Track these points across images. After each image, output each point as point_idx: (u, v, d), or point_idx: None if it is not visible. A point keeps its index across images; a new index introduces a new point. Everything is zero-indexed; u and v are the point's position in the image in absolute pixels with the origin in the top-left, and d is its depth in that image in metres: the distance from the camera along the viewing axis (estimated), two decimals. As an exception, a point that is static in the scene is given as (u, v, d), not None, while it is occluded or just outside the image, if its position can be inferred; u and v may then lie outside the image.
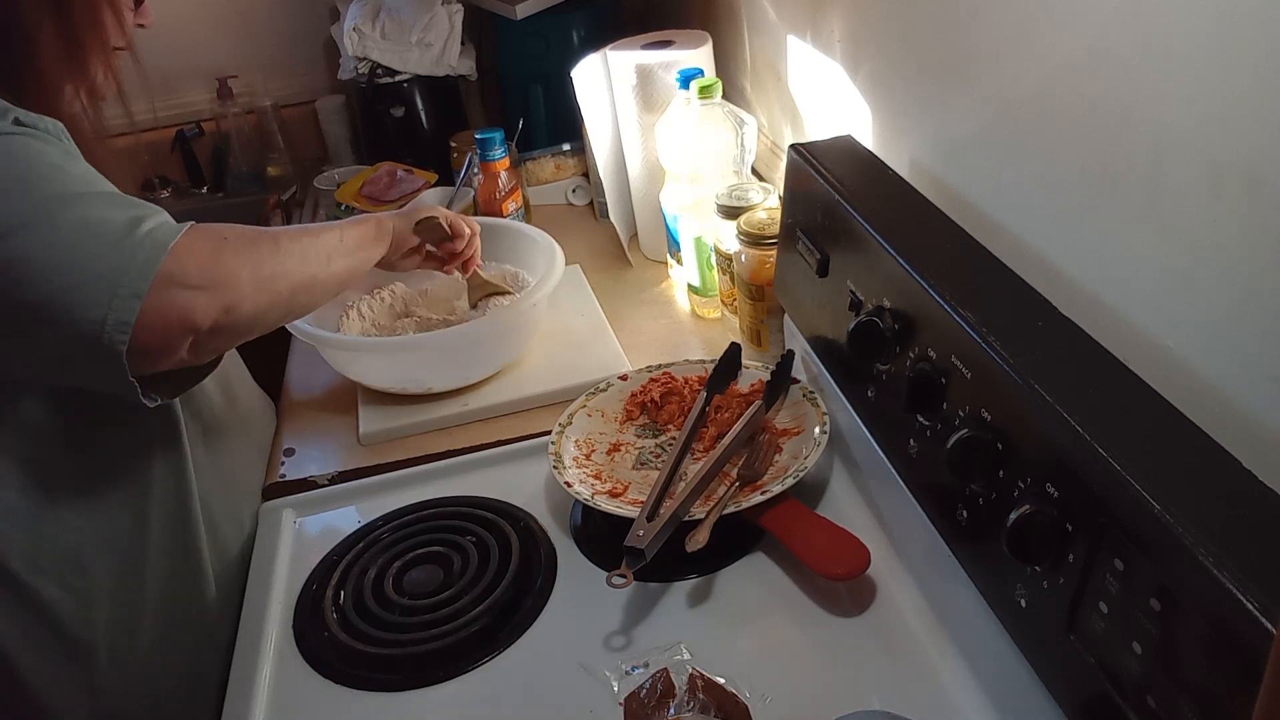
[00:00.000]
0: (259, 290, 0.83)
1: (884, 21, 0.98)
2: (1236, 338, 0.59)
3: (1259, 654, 0.44)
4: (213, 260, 0.80)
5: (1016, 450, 0.63)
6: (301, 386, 1.25)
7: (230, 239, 0.83)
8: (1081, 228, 0.72)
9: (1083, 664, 0.57)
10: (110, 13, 0.87)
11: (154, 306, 0.75)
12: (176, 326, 0.77)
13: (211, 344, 0.82)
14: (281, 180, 2.01)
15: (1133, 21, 0.62)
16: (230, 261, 0.81)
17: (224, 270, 0.80)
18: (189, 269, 0.77)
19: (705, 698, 0.71)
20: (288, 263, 0.88)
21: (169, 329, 0.77)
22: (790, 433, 0.99)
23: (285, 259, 0.88)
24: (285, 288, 0.87)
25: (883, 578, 0.84)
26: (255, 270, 0.84)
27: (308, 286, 0.91)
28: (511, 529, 0.95)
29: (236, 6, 1.99)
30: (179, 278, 0.77)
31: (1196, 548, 0.48)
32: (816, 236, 0.94)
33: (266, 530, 1.02)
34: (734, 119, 1.21)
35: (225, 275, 0.80)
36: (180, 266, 0.77)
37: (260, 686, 0.84)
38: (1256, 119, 0.54)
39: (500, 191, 1.48)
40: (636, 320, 1.32)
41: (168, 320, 0.76)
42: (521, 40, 1.76)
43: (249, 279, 0.82)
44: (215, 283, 0.79)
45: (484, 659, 0.83)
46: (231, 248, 0.83)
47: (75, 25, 0.84)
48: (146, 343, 0.75)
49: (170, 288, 0.76)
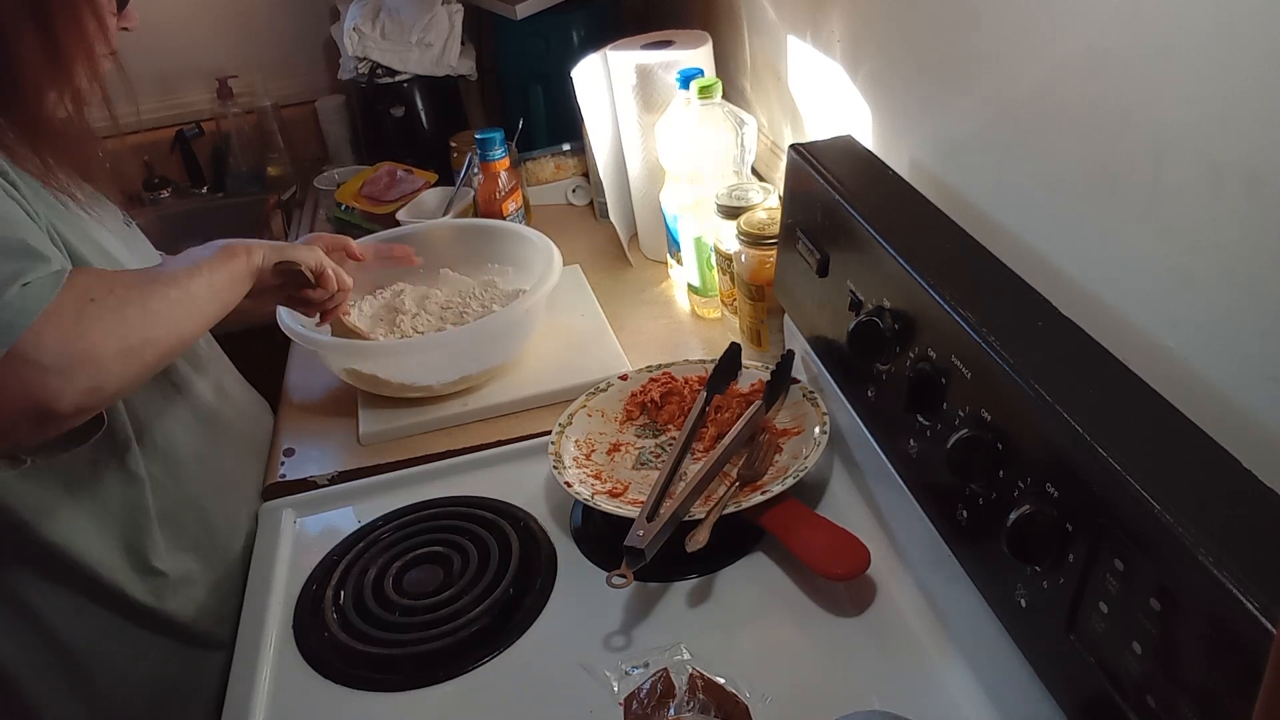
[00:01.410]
0: (125, 364, 0.76)
1: (884, 21, 0.98)
2: (1236, 338, 0.59)
3: (1259, 654, 0.44)
4: (73, 335, 0.72)
5: (1016, 450, 0.63)
6: (301, 387, 1.25)
7: (97, 301, 0.75)
8: (1081, 228, 0.72)
9: (1083, 664, 0.57)
10: (92, 17, 0.86)
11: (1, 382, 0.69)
12: (19, 407, 0.70)
13: (64, 425, 0.75)
14: (281, 180, 2.01)
15: (1133, 21, 0.62)
16: (93, 336, 0.73)
17: (85, 347, 0.73)
18: (44, 346, 0.70)
19: (705, 698, 0.71)
20: (157, 327, 0.79)
21: (9, 410, 0.70)
22: (790, 433, 0.99)
23: (154, 323, 0.79)
24: (152, 356, 0.79)
25: (883, 578, 0.84)
26: (122, 341, 0.75)
27: (175, 349, 0.85)
28: (511, 529, 0.95)
29: (236, 6, 1.99)
30: (33, 357, 0.70)
31: (1196, 548, 0.48)
32: (816, 236, 0.94)
33: (266, 530, 1.02)
34: (734, 119, 1.21)
35: (90, 353, 0.73)
36: (36, 342, 0.70)
37: (260, 686, 0.84)
38: (1256, 119, 0.54)
39: (500, 191, 1.48)
40: (636, 320, 1.32)
41: (9, 401, 0.70)
42: (521, 40, 1.76)
43: (114, 353, 0.75)
44: (74, 363, 0.72)
45: (484, 659, 0.83)
46: (97, 314, 0.74)
47: (56, 30, 0.83)
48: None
49: (20, 366, 0.69)
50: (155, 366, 0.81)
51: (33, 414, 0.71)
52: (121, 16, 0.91)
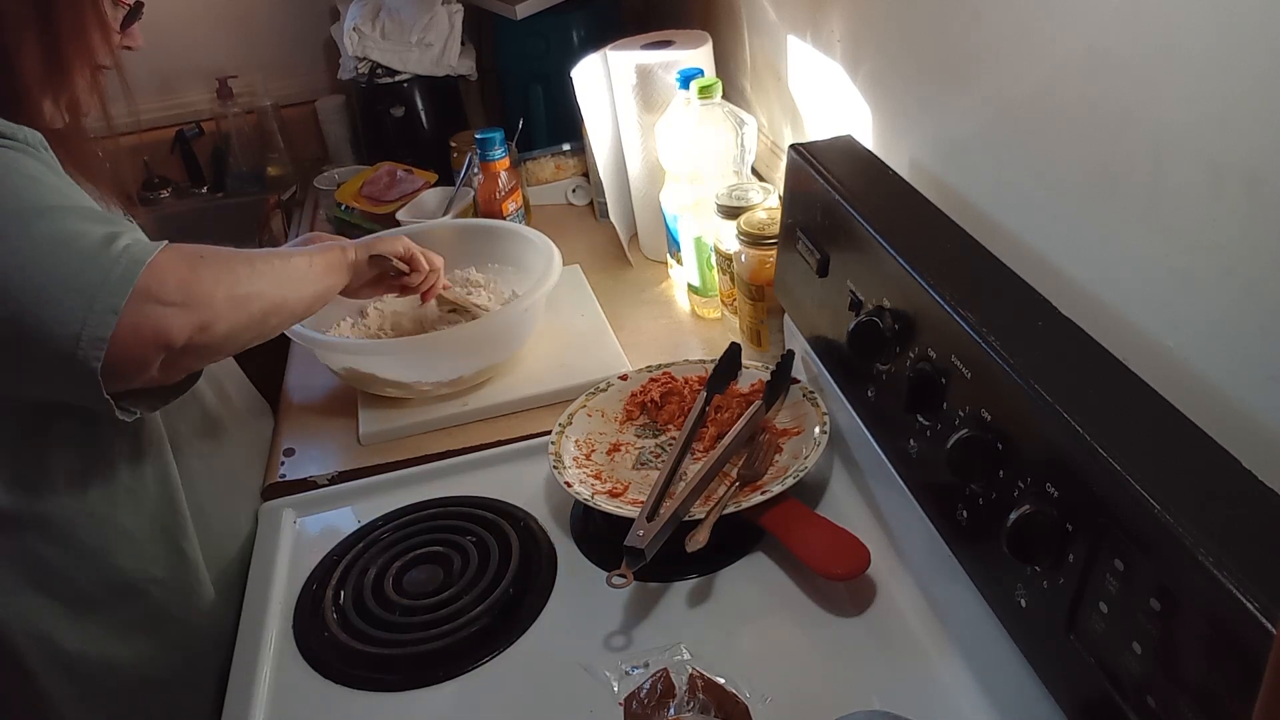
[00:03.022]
0: (234, 309, 0.83)
1: (884, 21, 0.98)
2: (1236, 338, 0.59)
3: (1259, 654, 0.44)
4: (190, 277, 0.79)
5: (1016, 450, 0.63)
6: (301, 388, 1.25)
7: (206, 257, 0.82)
8: (1081, 228, 0.72)
9: (1083, 664, 0.57)
10: (98, 31, 0.87)
11: (130, 322, 0.74)
12: (151, 343, 0.76)
13: (183, 362, 0.81)
14: (281, 180, 2.01)
15: (1133, 21, 0.62)
16: (207, 279, 0.81)
17: (201, 288, 0.80)
18: (166, 285, 0.77)
19: (705, 698, 0.71)
20: (262, 284, 0.87)
21: (144, 345, 0.76)
22: (790, 433, 0.99)
23: (259, 280, 0.87)
24: (259, 309, 0.86)
25: (883, 578, 0.84)
26: (231, 289, 0.83)
27: (278, 309, 0.90)
28: (511, 529, 0.95)
29: (236, 6, 1.99)
30: (156, 293, 0.76)
31: (1196, 548, 0.48)
32: (816, 236, 0.94)
33: (266, 530, 1.02)
34: (734, 119, 1.21)
35: (202, 293, 0.80)
36: (158, 282, 0.76)
37: (260, 686, 0.84)
38: (1256, 119, 0.54)
39: (500, 191, 1.48)
40: (636, 320, 1.32)
41: (142, 336, 0.75)
42: (521, 40, 1.76)
43: (225, 298, 0.82)
44: (191, 300, 0.78)
45: (484, 659, 0.83)
46: (208, 266, 0.82)
47: (60, 41, 0.84)
48: (120, 358, 0.74)
49: (146, 303, 0.75)
50: (262, 323, 0.87)
51: (161, 348, 0.77)
52: (126, 35, 0.91)
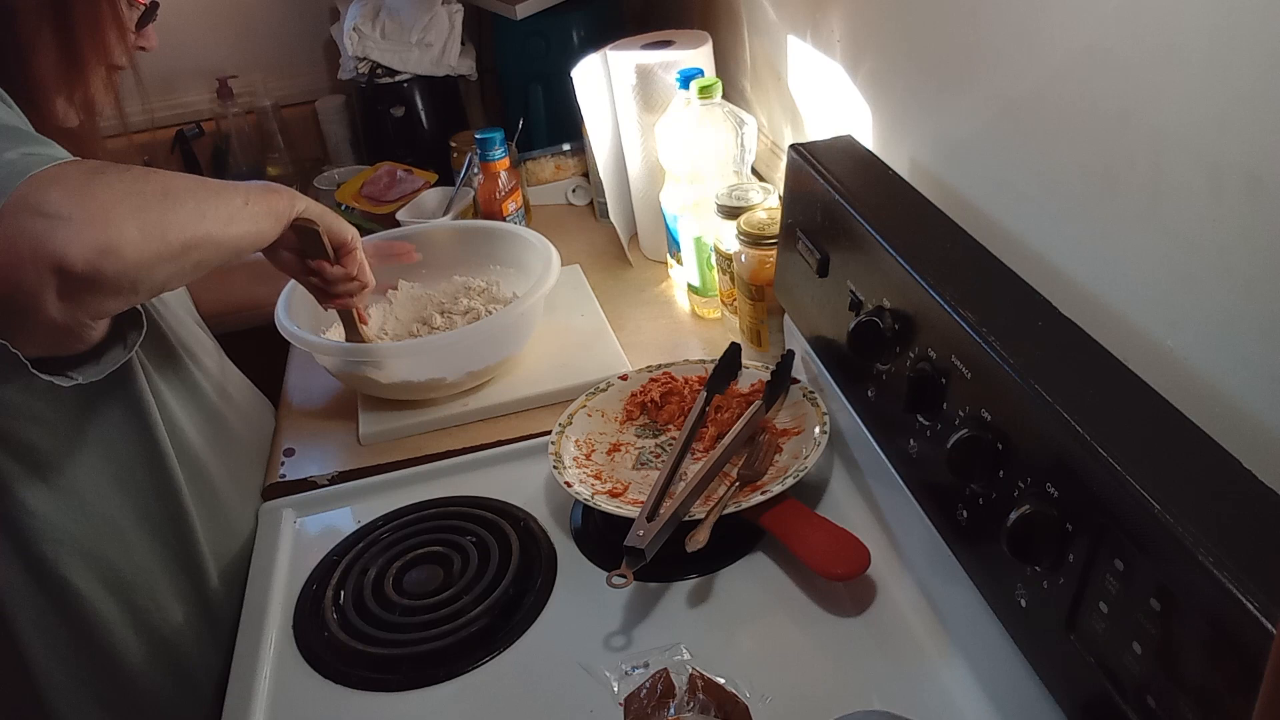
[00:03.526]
0: (145, 236, 0.71)
1: (884, 21, 0.98)
2: (1236, 338, 0.59)
3: (1259, 654, 0.44)
4: (83, 189, 0.68)
5: (1016, 450, 0.63)
6: (301, 388, 1.25)
7: (108, 172, 0.71)
8: (1082, 228, 0.72)
9: (1083, 664, 0.57)
10: (114, 30, 0.86)
11: (3, 237, 0.64)
12: (30, 261, 0.65)
13: (89, 297, 0.70)
14: (281, 180, 2.00)
15: (1133, 21, 0.62)
16: (103, 194, 0.69)
17: (96, 203, 0.68)
18: (49, 195, 0.66)
19: (705, 698, 0.71)
20: (179, 213, 0.74)
21: (21, 264, 0.65)
22: (790, 433, 0.99)
23: (177, 208, 0.74)
24: (176, 240, 0.74)
25: (883, 578, 0.84)
26: (139, 212, 0.71)
27: (201, 243, 0.76)
28: (511, 529, 0.95)
29: (236, 6, 1.99)
30: (35, 203, 0.65)
31: (1196, 548, 0.48)
32: (816, 236, 0.94)
33: (266, 530, 1.02)
34: (734, 119, 1.21)
35: (98, 209, 0.68)
36: (38, 192, 0.66)
37: (260, 686, 0.84)
38: (1256, 119, 0.54)
39: (500, 191, 1.48)
40: (636, 320, 1.32)
41: (19, 253, 0.65)
42: (521, 40, 1.76)
43: (132, 221, 0.70)
44: (85, 215, 0.67)
45: (484, 659, 0.83)
46: (107, 180, 0.70)
47: (76, 39, 0.83)
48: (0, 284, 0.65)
49: (23, 215, 0.65)
50: (182, 255, 0.75)
51: (48, 268, 0.65)
52: (140, 35, 0.91)
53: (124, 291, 0.73)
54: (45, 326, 0.69)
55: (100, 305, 0.72)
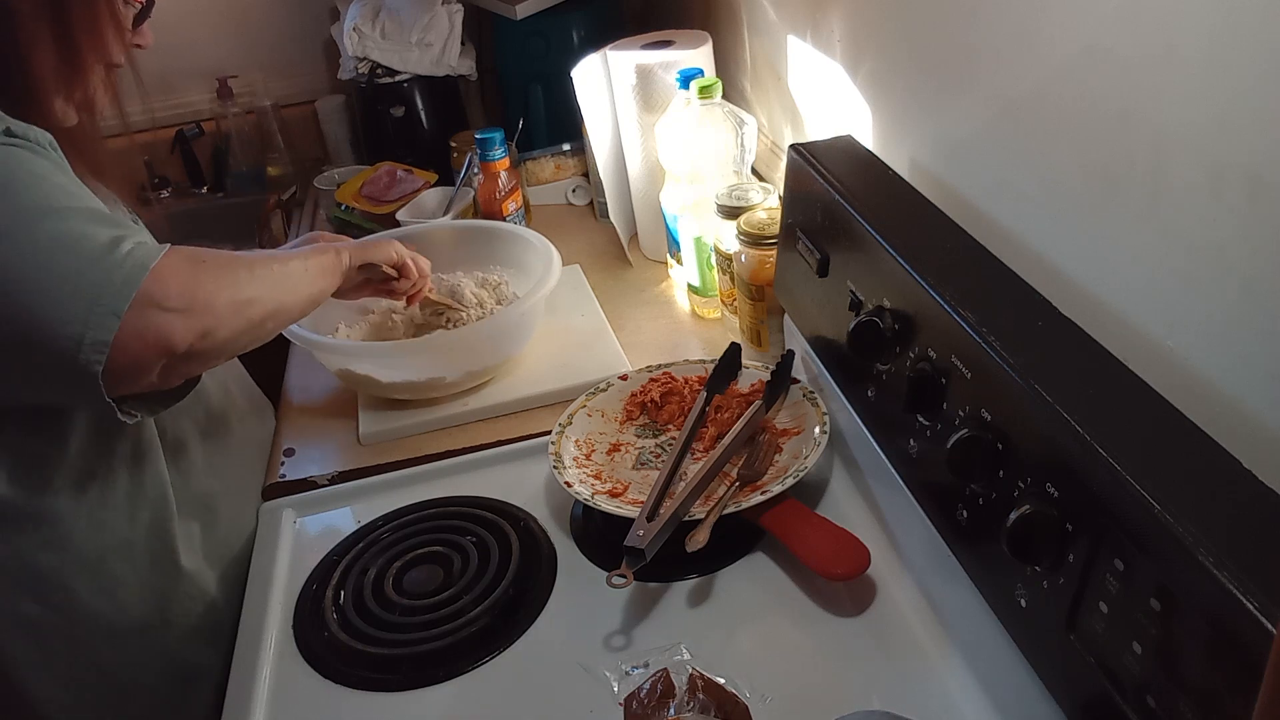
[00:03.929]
0: (235, 315, 0.83)
1: (884, 21, 0.98)
2: (1236, 338, 0.59)
3: (1259, 654, 0.44)
4: (192, 283, 0.80)
5: (1016, 450, 0.63)
6: (301, 388, 1.25)
7: (208, 262, 0.83)
8: (1081, 228, 0.72)
9: (1083, 664, 0.57)
10: (112, 28, 0.87)
11: (132, 326, 0.74)
12: (153, 348, 0.76)
13: (183, 368, 0.82)
14: (281, 180, 2.01)
15: (1133, 21, 0.62)
16: (208, 285, 0.81)
17: (203, 294, 0.80)
18: (169, 291, 0.77)
19: (705, 698, 0.71)
20: (260, 288, 0.87)
21: (145, 350, 0.76)
22: (790, 433, 0.99)
23: (258, 285, 0.87)
24: (258, 314, 0.86)
25: (883, 578, 0.84)
26: (232, 295, 0.83)
27: (275, 313, 0.89)
28: (511, 529, 0.95)
29: (236, 6, 1.99)
30: (158, 299, 0.76)
31: (1196, 548, 0.48)
32: (816, 236, 0.94)
33: (266, 530, 1.02)
34: (734, 119, 1.21)
35: (204, 299, 0.80)
36: (161, 288, 0.76)
37: (260, 686, 0.84)
38: (1256, 119, 0.54)
39: (500, 191, 1.48)
40: (636, 320, 1.32)
41: (145, 341, 0.75)
42: (521, 40, 1.76)
43: (226, 303, 0.82)
44: (193, 306, 0.79)
45: (484, 659, 0.83)
46: (209, 271, 0.82)
47: (74, 38, 0.84)
48: (122, 363, 0.75)
49: (148, 309, 0.75)
50: (260, 326, 0.87)
51: (162, 353, 0.77)
52: (137, 34, 0.91)
53: (213, 360, 0.87)
54: (144, 387, 0.80)
55: (192, 371, 0.85)
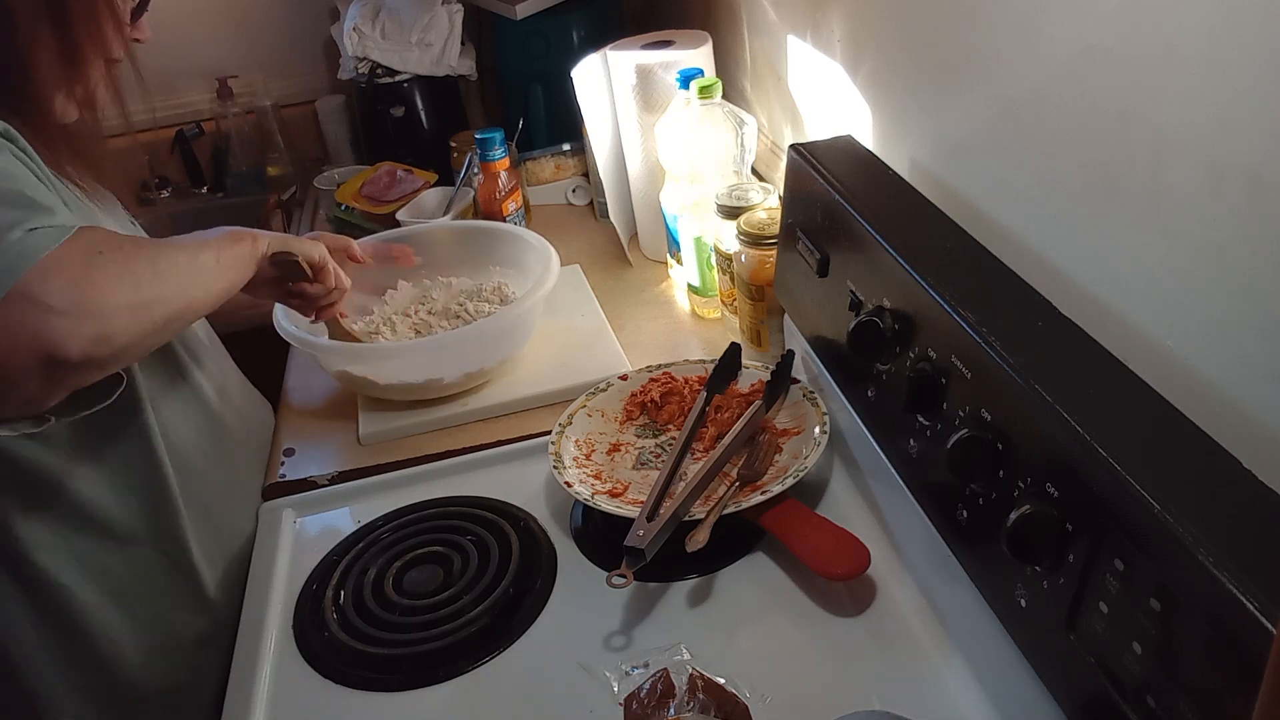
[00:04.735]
0: (132, 317, 0.74)
1: (884, 21, 0.98)
2: (1236, 338, 0.59)
3: (1259, 654, 0.44)
4: (82, 281, 0.70)
5: (1016, 450, 0.63)
6: (301, 388, 1.25)
7: (106, 255, 0.73)
8: (1082, 227, 0.72)
9: (1083, 664, 0.57)
10: (110, 22, 0.86)
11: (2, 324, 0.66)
12: (27, 351, 0.67)
13: (73, 378, 0.73)
14: (281, 180, 2.01)
15: (1133, 21, 0.62)
16: (101, 284, 0.72)
17: (94, 294, 0.71)
18: (51, 288, 0.68)
19: (705, 698, 0.71)
20: (165, 286, 0.78)
21: (16, 353, 0.67)
22: (790, 433, 0.99)
23: (163, 282, 0.78)
24: (161, 314, 0.77)
25: (883, 578, 0.84)
26: (130, 295, 0.74)
27: (183, 313, 0.82)
28: (511, 529, 0.95)
29: (236, 6, 1.99)
30: (37, 296, 0.67)
31: (1196, 548, 0.48)
32: (816, 236, 0.94)
33: (266, 530, 1.02)
34: (734, 119, 1.21)
35: (94, 300, 0.71)
36: (41, 284, 0.68)
37: (260, 686, 0.84)
38: (1256, 119, 0.54)
39: (500, 191, 1.48)
40: (636, 320, 1.32)
41: (16, 342, 0.67)
42: (521, 40, 1.76)
43: (121, 305, 0.73)
44: (79, 308, 0.69)
45: (484, 659, 0.83)
46: (104, 268, 0.73)
47: (74, 33, 0.84)
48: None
49: (25, 306, 0.67)
50: (164, 328, 0.79)
51: (41, 359, 0.68)
52: (135, 28, 0.91)
53: (107, 368, 0.76)
54: (17, 401, 0.72)
55: (79, 382, 0.75)
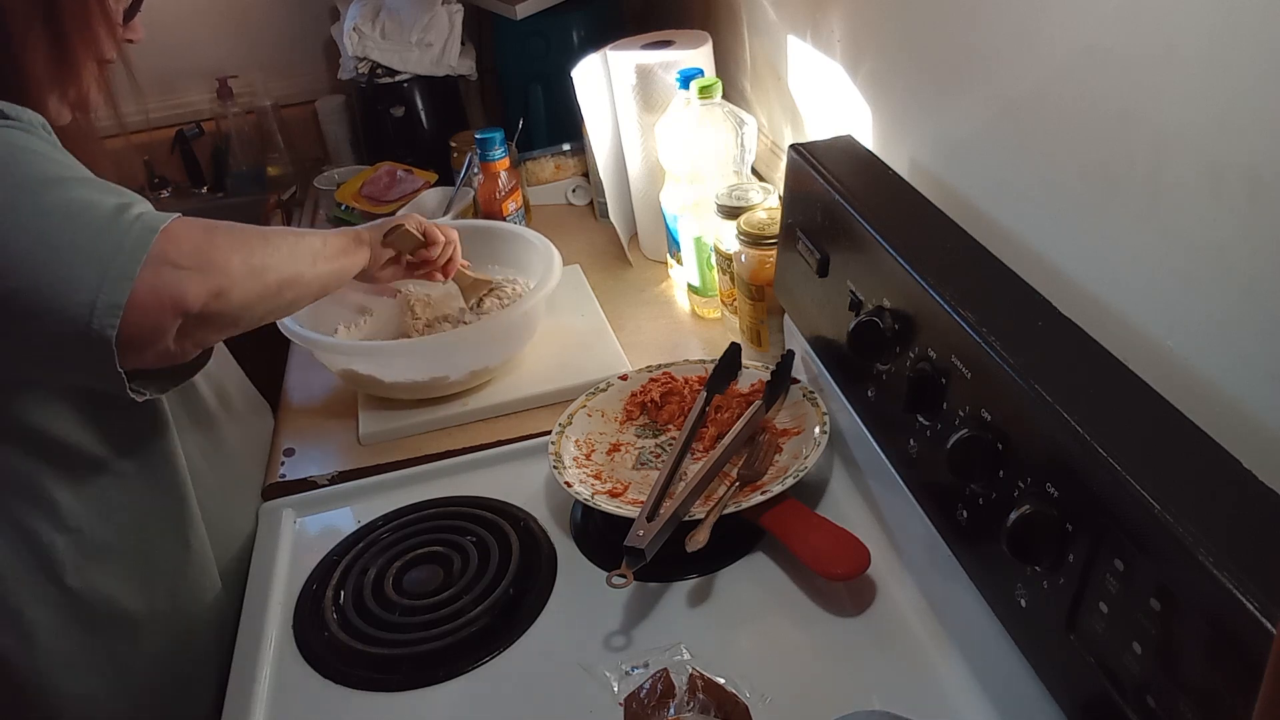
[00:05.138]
0: (250, 278, 0.83)
1: (884, 21, 0.98)
2: (1236, 338, 0.59)
3: (1259, 654, 0.44)
4: (205, 243, 0.80)
5: (1016, 450, 0.63)
6: (301, 387, 1.25)
7: (220, 226, 0.83)
8: (1082, 227, 0.72)
9: (1083, 664, 0.57)
10: (102, 23, 0.86)
11: (146, 286, 0.74)
12: (168, 308, 0.76)
13: (199, 332, 0.81)
14: (281, 180, 2.01)
15: (1133, 21, 0.62)
16: (221, 245, 0.81)
17: (216, 253, 0.80)
18: (181, 249, 0.77)
19: (705, 698, 0.71)
20: (276, 256, 0.87)
21: (160, 311, 0.75)
22: (790, 433, 0.99)
23: (274, 252, 0.87)
24: (274, 280, 0.86)
25: (883, 578, 0.84)
26: (246, 258, 0.83)
27: (293, 283, 0.90)
28: (511, 529, 0.95)
29: (236, 6, 1.99)
30: (171, 258, 0.76)
31: (1196, 548, 0.48)
32: (816, 236, 0.94)
33: (266, 530, 1.02)
34: (734, 119, 1.21)
35: (217, 258, 0.80)
36: (173, 246, 0.76)
37: (260, 686, 0.84)
38: (1256, 119, 0.54)
39: (500, 191, 1.48)
40: (636, 320, 1.32)
41: (159, 301, 0.75)
42: (521, 40, 1.76)
43: (240, 265, 0.82)
44: (206, 264, 0.79)
45: (484, 659, 0.83)
46: (222, 233, 0.82)
47: (66, 34, 0.83)
48: (136, 326, 0.74)
49: (162, 268, 0.75)
50: (277, 294, 0.87)
51: (176, 313, 0.76)
52: (129, 28, 0.91)
53: (228, 327, 0.85)
54: (159, 355, 0.79)
55: (206, 338, 0.83)
